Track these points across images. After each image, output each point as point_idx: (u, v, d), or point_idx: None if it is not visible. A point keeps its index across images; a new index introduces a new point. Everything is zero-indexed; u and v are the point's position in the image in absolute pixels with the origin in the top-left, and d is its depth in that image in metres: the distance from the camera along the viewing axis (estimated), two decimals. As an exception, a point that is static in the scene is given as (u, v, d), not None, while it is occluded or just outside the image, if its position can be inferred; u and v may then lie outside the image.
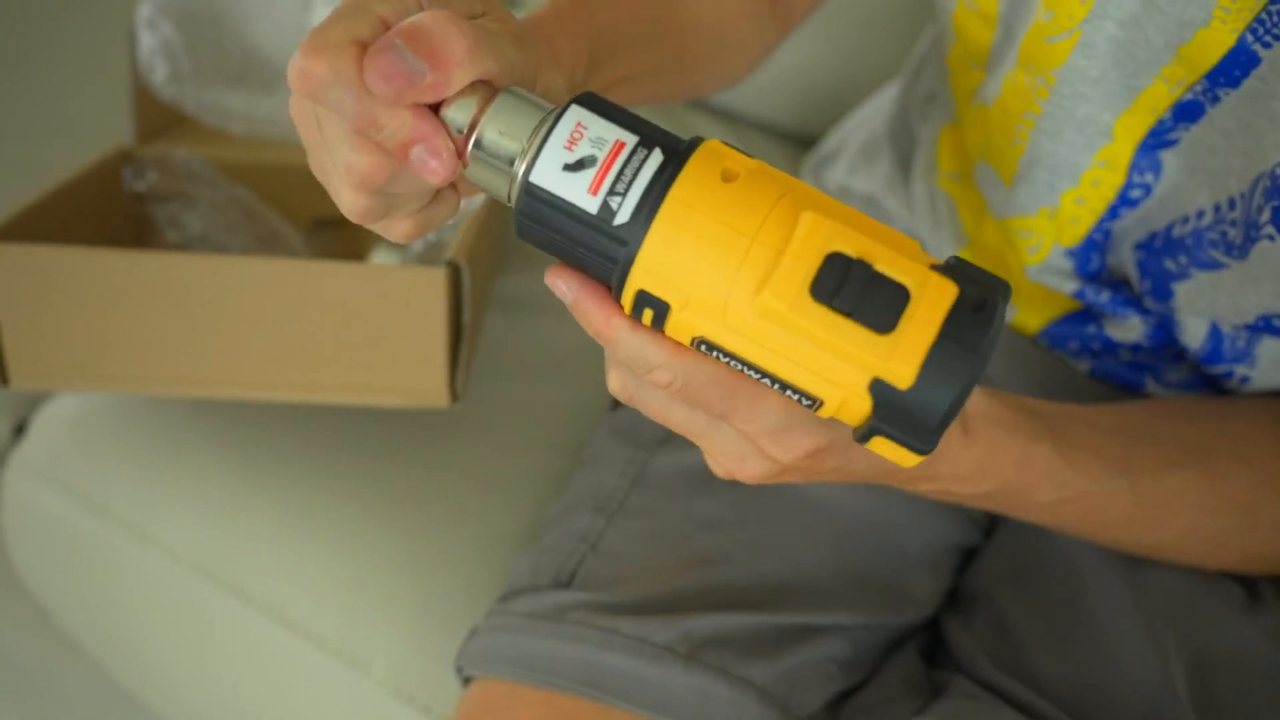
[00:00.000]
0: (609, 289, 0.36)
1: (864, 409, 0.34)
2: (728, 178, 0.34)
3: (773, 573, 0.60)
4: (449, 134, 0.35)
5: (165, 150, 0.80)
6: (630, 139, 0.34)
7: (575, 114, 0.34)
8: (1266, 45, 0.44)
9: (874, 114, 0.81)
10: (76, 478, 0.76)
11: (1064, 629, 0.59)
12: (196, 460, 0.74)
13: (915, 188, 0.72)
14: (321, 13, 0.94)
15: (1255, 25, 0.44)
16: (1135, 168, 0.52)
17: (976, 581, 0.66)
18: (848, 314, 0.32)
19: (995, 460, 0.46)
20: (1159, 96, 0.49)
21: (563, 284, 0.36)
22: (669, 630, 0.55)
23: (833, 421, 0.39)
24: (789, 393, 0.35)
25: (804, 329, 0.33)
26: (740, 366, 0.35)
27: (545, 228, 0.35)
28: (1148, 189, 0.53)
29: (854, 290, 0.32)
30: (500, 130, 0.35)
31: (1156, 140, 0.51)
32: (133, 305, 0.61)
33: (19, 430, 0.86)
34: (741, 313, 0.33)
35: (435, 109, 0.35)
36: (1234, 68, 0.46)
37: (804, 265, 0.32)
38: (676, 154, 0.34)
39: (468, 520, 0.73)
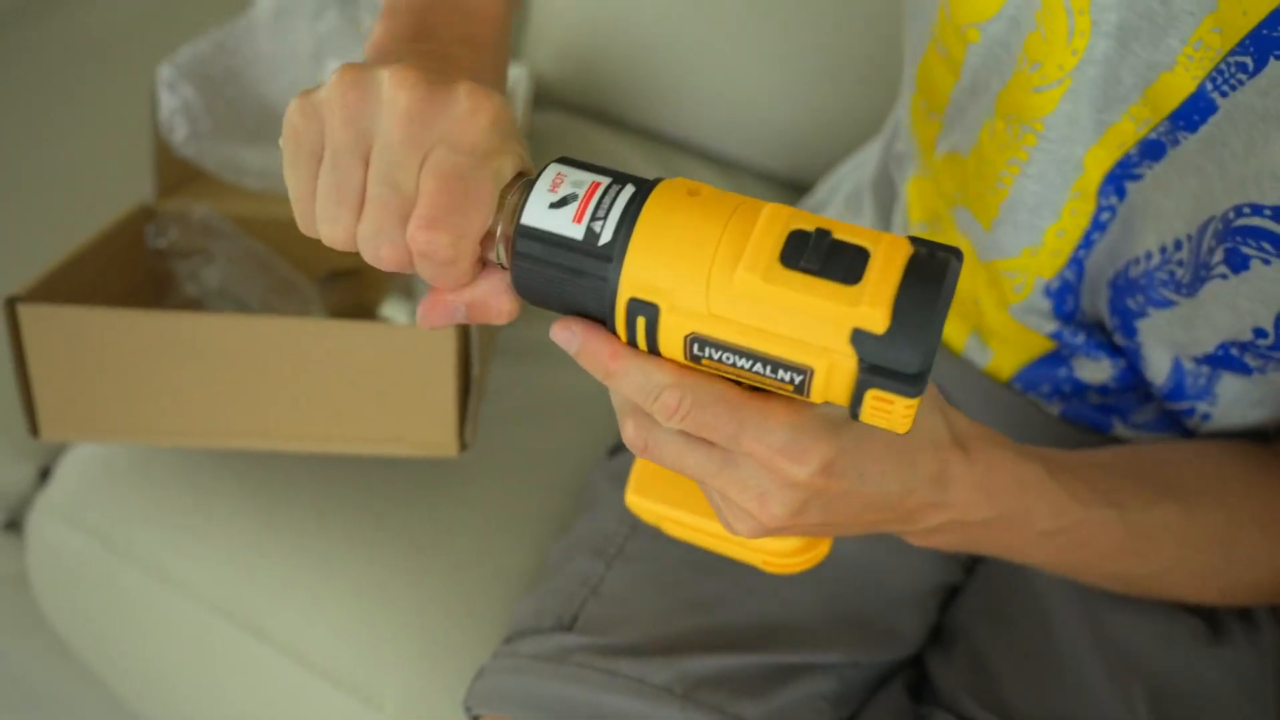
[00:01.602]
0: (607, 326, 0.39)
1: (850, 368, 0.35)
2: (693, 193, 0.37)
3: (765, 614, 0.61)
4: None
5: (184, 206, 0.82)
6: (604, 179, 0.38)
7: (555, 168, 0.38)
8: (1224, 94, 0.45)
9: (860, 165, 0.83)
10: (100, 520, 0.77)
11: (1035, 664, 0.61)
12: (216, 504, 0.76)
13: (896, 230, 0.73)
14: (331, 69, 0.95)
15: (1215, 74, 0.45)
16: (1102, 193, 0.53)
17: (957, 618, 0.68)
18: (815, 273, 0.35)
19: (996, 480, 0.46)
20: (1126, 133, 0.50)
21: (568, 333, 0.39)
22: (667, 671, 0.57)
23: (838, 429, 0.40)
24: (780, 373, 0.36)
25: (779, 295, 0.35)
26: (733, 359, 0.37)
27: (540, 264, 0.37)
28: (1114, 211, 0.54)
29: (818, 253, 0.35)
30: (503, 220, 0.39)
31: (1123, 172, 0.52)
32: (155, 362, 0.64)
33: (45, 474, 0.87)
34: (722, 296, 0.36)
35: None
36: (1193, 112, 0.47)
37: (770, 240, 0.35)
38: (645, 184, 0.38)
39: (476, 561, 0.74)
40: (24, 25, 1.13)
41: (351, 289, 0.84)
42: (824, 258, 0.35)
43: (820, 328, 0.35)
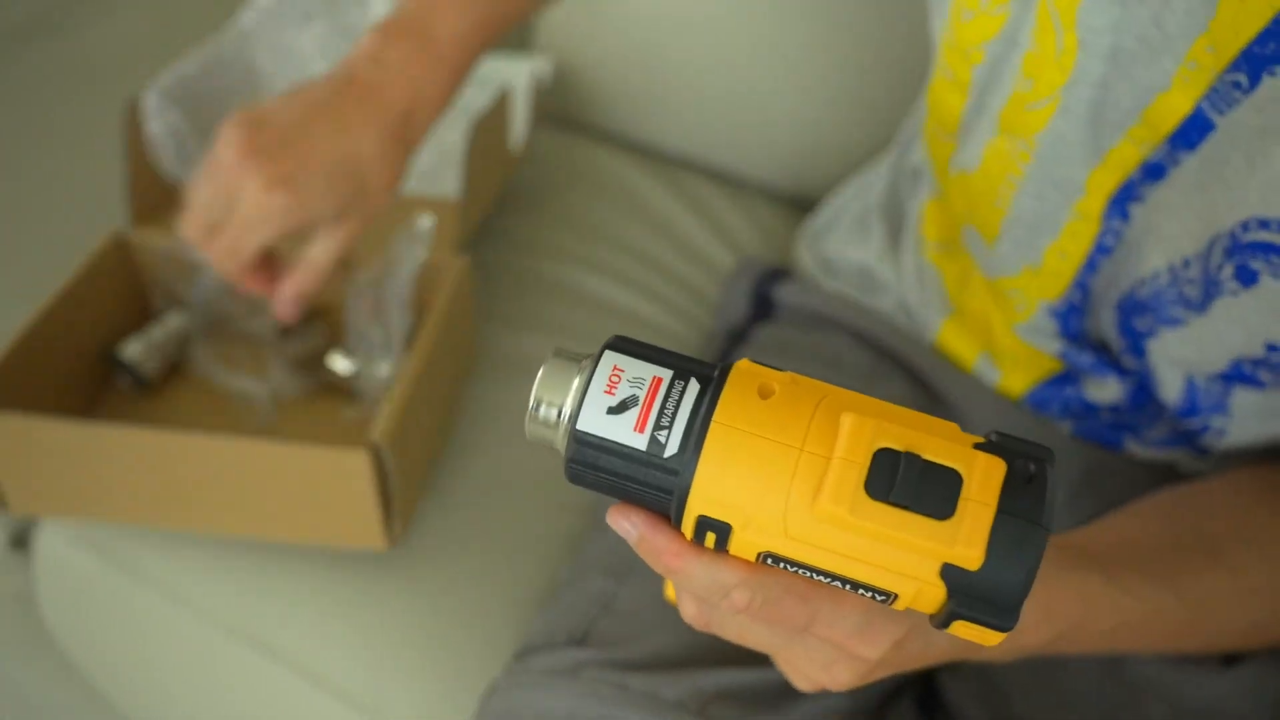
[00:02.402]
0: (669, 520, 0.37)
1: (939, 596, 0.34)
2: (764, 394, 0.35)
3: None
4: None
5: (160, 236, 0.83)
6: (665, 374, 0.35)
7: (610, 359, 0.36)
8: (1220, 112, 0.46)
9: (867, 187, 0.84)
10: (108, 537, 0.77)
11: (1046, 680, 0.61)
12: None
13: (904, 259, 0.74)
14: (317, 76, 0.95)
15: (1211, 94, 0.45)
16: (1106, 216, 0.54)
17: None
18: (906, 507, 0.33)
19: (1059, 600, 0.46)
20: (1127, 156, 0.50)
21: (627, 524, 0.37)
22: (679, 686, 0.57)
23: (909, 610, 0.39)
24: (861, 591, 0.35)
25: (866, 528, 0.33)
26: (809, 574, 0.35)
27: (598, 471, 0.36)
28: (1118, 234, 0.54)
29: (908, 482, 0.33)
30: (547, 395, 0.36)
31: (1126, 195, 0.52)
32: (100, 460, 0.68)
33: None
34: (802, 522, 0.34)
35: None
36: (1191, 132, 0.47)
37: (855, 466, 0.33)
38: (711, 380, 0.36)
39: (487, 580, 0.74)
40: (17, 51, 1.14)
41: (308, 337, 0.85)
42: (914, 487, 0.33)
43: (909, 560, 0.33)
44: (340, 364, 0.81)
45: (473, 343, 0.86)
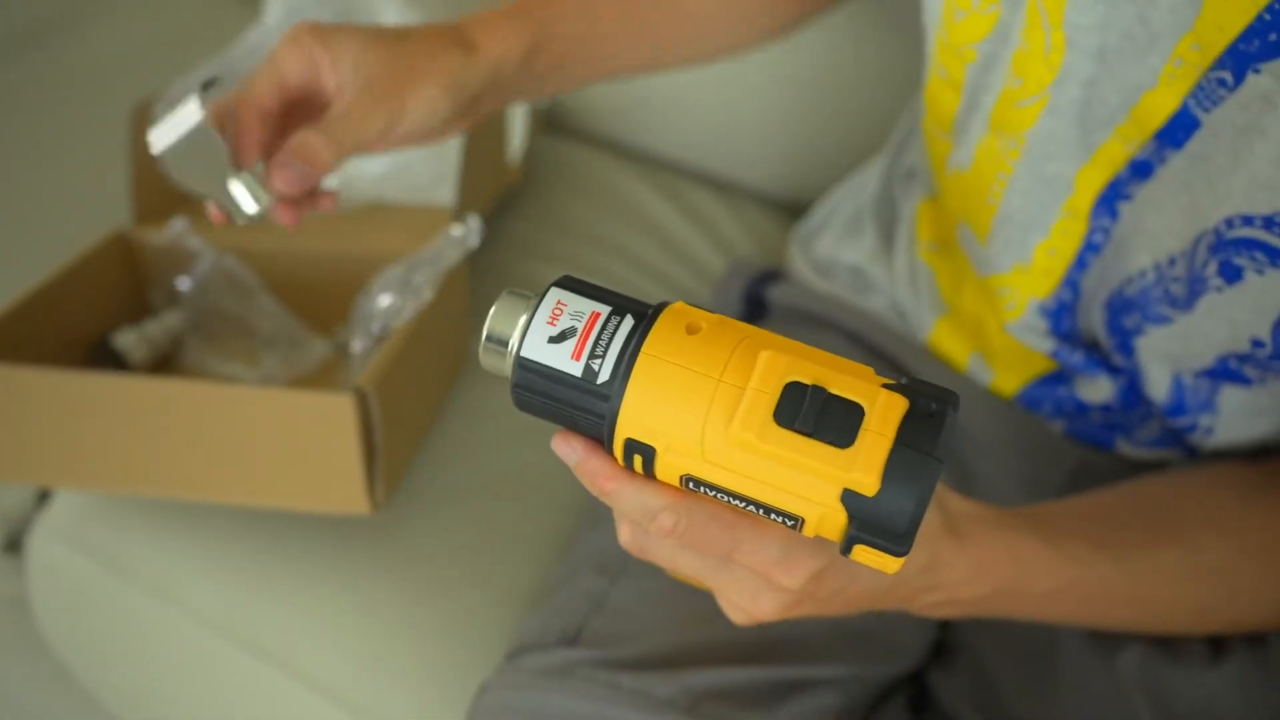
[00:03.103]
0: (605, 447, 0.39)
1: (840, 521, 0.36)
2: (691, 330, 0.38)
3: (769, 628, 0.61)
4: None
5: (159, 230, 0.84)
6: (604, 309, 0.38)
7: (555, 294, 0.39)
8: (1206, 110, 0.46)
9: (858, 188, 0.84)
10: (101, 540, 0.77)
11: (1039, 679, 0.61)
12: (218, 522, 0.75)
13: (897, 259, 0.74)
14: None
15: (1196, 91, 0.46)
16: (1095, 214, 0.54)
17: (959, 633, 0.68)
18: (809, 434, 0.35)
19: (990, 558, 0.48)
20: (1115, 153, 0.51)
21: (568, 448, 0.40)
22: (670, 685, 0.57)
23: (830, 543, 0.41)
24: (772, 515, 0.38)
25: (773, 453, 0.36)
26: (726, 499, 0.38)
27: (539, 395, 0.39)
28: (1107, 232, 0.55)
29: (812, 412, 0.35)
30: (498, 324, 0.39)
31: (1114, 194, 0.53)
32: (80, 416, 0.68)
33: (45, 494, 0.87)
34: (717, 446, 0.36)
35: None
36: (1178, 130, 0.48)
37: (766, 396, 0.36)
38: (645, 317, 0.38)
39: (479, 579, 0.74)
40: (21, 54, 1.14)
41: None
42: (817, 417, 0.35)
43: (813, 485, 0.36)
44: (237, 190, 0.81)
45: (466, 344, 0.86)
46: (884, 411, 0.36)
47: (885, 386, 0.37)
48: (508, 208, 1.02)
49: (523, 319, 0.39)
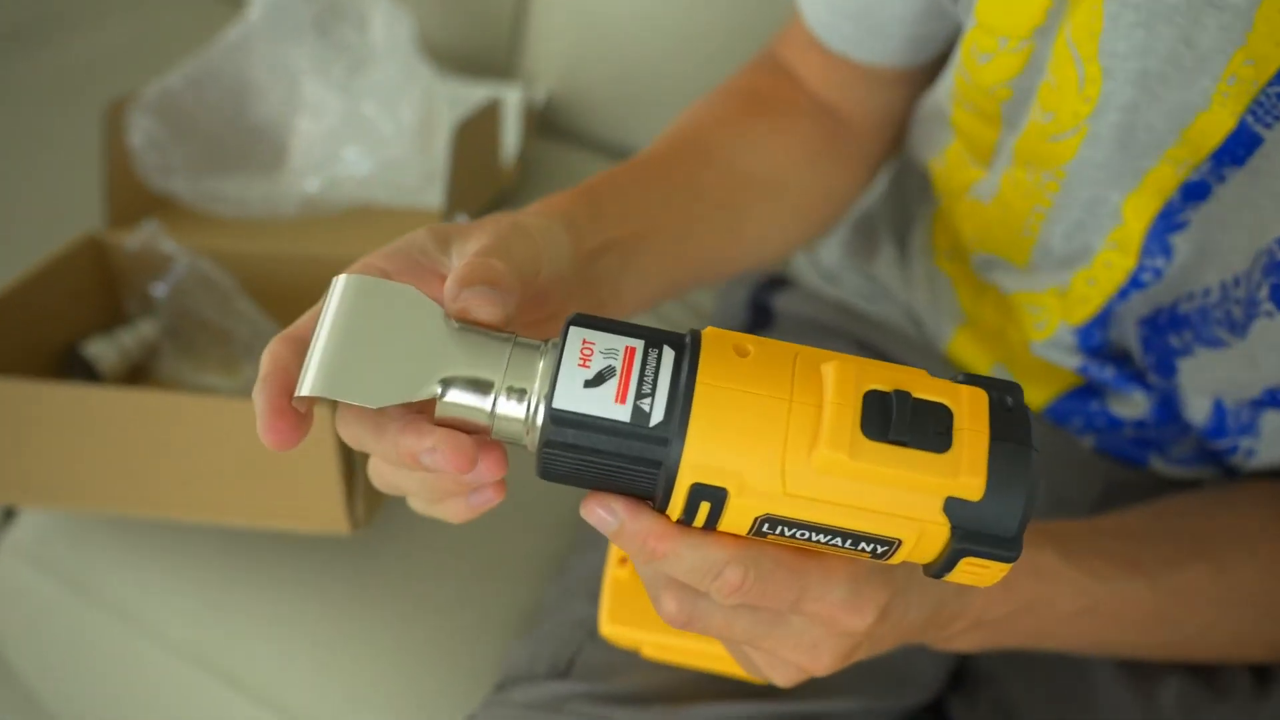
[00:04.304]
0: (651, 502, 0.35)
1: (942, 536, 0.34)
2: (740, 353, 0.34)
3: None
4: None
5: (132, 234, 0.83)
6: (637, 343, 0.34)
7: (577, 334, 0.34)
8: (1267, 125, 0.44)
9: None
10: (67, 562, 0.76)
11: (1067, 709, 0.58)
12: (188, 544, 0.74)
13: (913, 266, 0.72)
14: (310, 90, 0.95)
15: (1255, 107, 0.44)
16: (1146, 251, 0.52)
17: (982, 663, 0.65)
18: (904, 443, 0.33)
19: (1014, 574, 0.46)
20: (1165, 177, 0.49)
21: (604, 511, 0.35)
22: None
23: (890, 572, 0.39)
24: (862, 545, 0.34)
25: (867, 471, 0.33)
26: (807, 535, 0.35)
27: (577, 453, 0.33)
28: (1158, 273, 0.53)
29: (903, 419, 0.33)
30: (510, 383, 0.35)
31: (1167, 224, 0.51)
32: (54, 430, 0.66)
33: (9, 514, 0.85)
34: (801, 476, 0.33)
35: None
36: (1238, 147, 0.46)
37: (849, 409, 0.33)
38: (684, 345, 0.35)
39: (464, 604, 0.72)
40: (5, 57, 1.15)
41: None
42: (909, 424, 0.33)
43: (913, 499, 0.33)
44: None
45: None
46: (971, 408, 0.33)
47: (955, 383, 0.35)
48: (503, 210, 0.99)
49: (541, 367, 0.34)
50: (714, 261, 0.59)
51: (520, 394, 0.34)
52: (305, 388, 0.34)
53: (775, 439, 0.33)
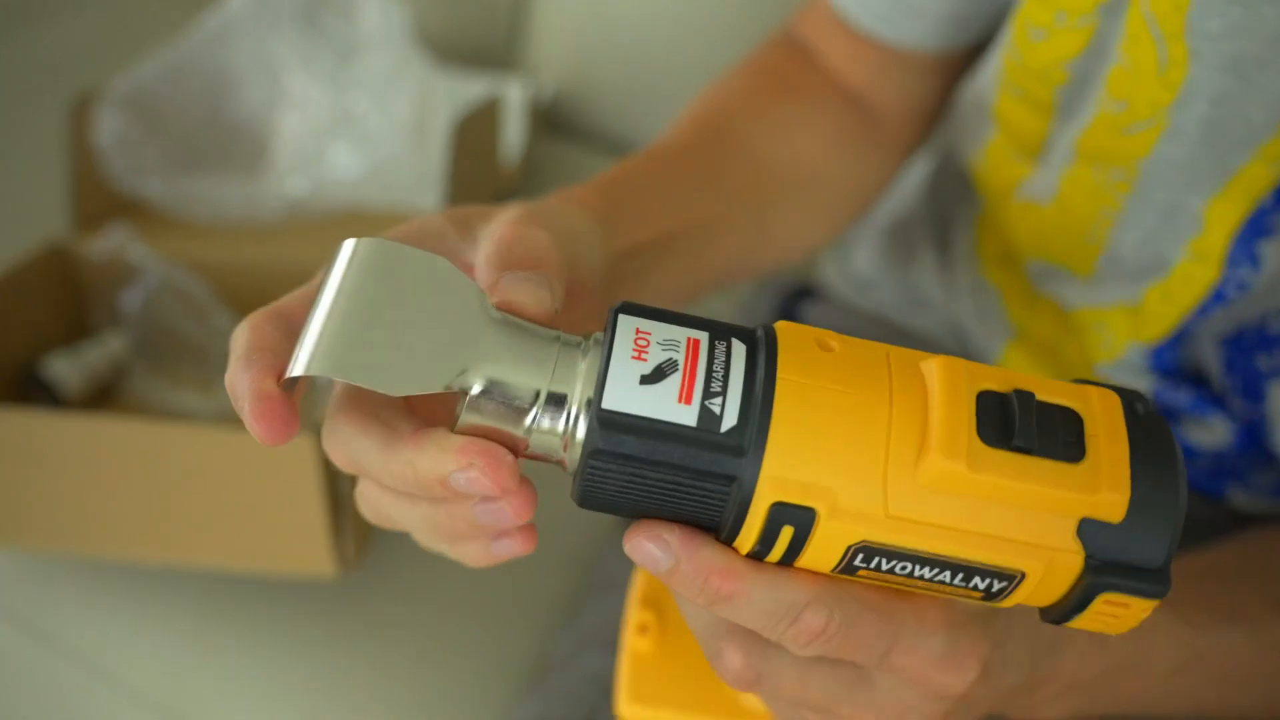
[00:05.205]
0: (714, 531, 0.31)
1: (1075, 567, 0.29)
2: (824, 348, 0.30)
3: None
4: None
5: (100, 241, 0.82)
6: (701, 335, 0.30)
7: (629, 322, 0.30)
8: None
9: (894, 194, 0.79)
10: (25, 607, 0.74)
11: None
12: (158, 589, 0.72)
13: (956, 275, 0.69)
14: (295, 83, 0.94)
15: None
16: (1231, 261, 0.49)
17: None
18: (1031, 451, 0.28)
19: None
20: (1257, 177, 0.46)
21: (655, 544, 0.30)
22: None
23: (988, 620, 0.34)
24: (975, 581, 0.30)
25: (988, 485, 0.28)
26: (909, 569, 0.30)
27: (630, 466, 0.28)
28: (1245, 286, 0.49)
29: (1027, 424, 0.28)
30: (553, 387, 0.30)
31: (1256, 229, 0.48)
32: (10, 462, 0.64)
33: None
34: (906, 493, 0.28)
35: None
36: None
37: (963, 412, 0.28)
38: (756, 339, 0.30)
39: (464, 655, 0.70)
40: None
41: None
42: (1034, 429, 0.29)
43: (1041, 521, 0.29)
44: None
45: None
46: (1105, 414, 0.29)
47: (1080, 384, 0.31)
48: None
49: (583, 365, 0.30)
50: (738, 263, 0.55)
51: (559, 401, 0.30)
52: (300, 365, 0.28)
53: (875, 448, 0.28)
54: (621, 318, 0.30)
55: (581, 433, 0.29)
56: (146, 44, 1.03)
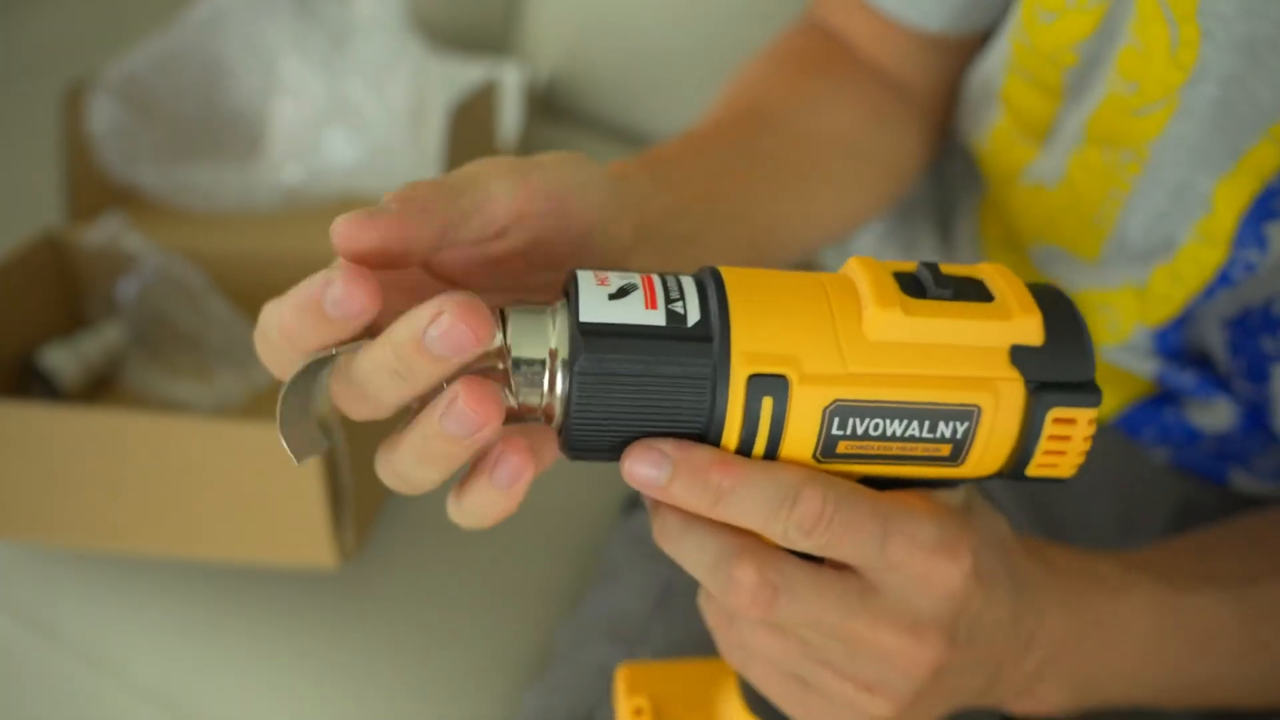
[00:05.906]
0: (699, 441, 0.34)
1: (1019, 393, 0.34)
2: (759, 268, 0.36)
3: None
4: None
5: (94, 230, 0.82)
6: (651, 273, 0.35)
7: (586, 272, 0.34)
8: None
9: None
10: (26, 600, 0.73)
11: None
12: (159, 581, 0.72)
13: (959, 257, 0.69)
14: (289, 69, 0.94)
15: None
16: (1238, 242, 0.49)
17: None
18: (951, 297, 0.34)
19: (1071, 585, 0.43)
20: (1266, 157, 0.46)
21: (650, 460, 0.33)
22: None
23: (967, 514, 0.37)
24: (941, 426, 0.34)
25: (924, 326, 0.33)
26: (882, 425, 0.34)
27: (615, 373, 0.32)
28: (1251, 267, 0.49)
29: (939, 282, 0.34)
30: (524, 351, 0.33)
31: (1263, 211, 0.47)
32: (8, 454, 0.65)
33: None
34: (859, 350, 0.33)
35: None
36: None
37: (884, 280, 0.34)
38: (699, 272, 0.35)
39: (466, 646, 0.70)
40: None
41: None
42: (947, 284, 0.34)
43: (978, 356, 0.34)
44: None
45: None
46: (999, 274, 0.35)
47: None
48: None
49: (556, 322, 0.33)
50: (784, 234, 0.55)
51: (539, 360, 0.32)
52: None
53: (822, 316, 0.33)
54: (580, 271, 0.34)
55: (562, 384, 0.32)
56: (139, 31, 1.03)
